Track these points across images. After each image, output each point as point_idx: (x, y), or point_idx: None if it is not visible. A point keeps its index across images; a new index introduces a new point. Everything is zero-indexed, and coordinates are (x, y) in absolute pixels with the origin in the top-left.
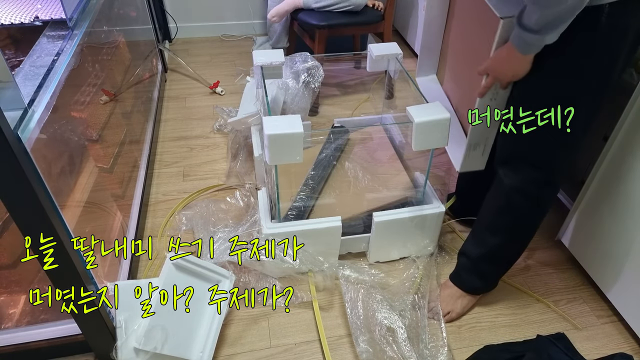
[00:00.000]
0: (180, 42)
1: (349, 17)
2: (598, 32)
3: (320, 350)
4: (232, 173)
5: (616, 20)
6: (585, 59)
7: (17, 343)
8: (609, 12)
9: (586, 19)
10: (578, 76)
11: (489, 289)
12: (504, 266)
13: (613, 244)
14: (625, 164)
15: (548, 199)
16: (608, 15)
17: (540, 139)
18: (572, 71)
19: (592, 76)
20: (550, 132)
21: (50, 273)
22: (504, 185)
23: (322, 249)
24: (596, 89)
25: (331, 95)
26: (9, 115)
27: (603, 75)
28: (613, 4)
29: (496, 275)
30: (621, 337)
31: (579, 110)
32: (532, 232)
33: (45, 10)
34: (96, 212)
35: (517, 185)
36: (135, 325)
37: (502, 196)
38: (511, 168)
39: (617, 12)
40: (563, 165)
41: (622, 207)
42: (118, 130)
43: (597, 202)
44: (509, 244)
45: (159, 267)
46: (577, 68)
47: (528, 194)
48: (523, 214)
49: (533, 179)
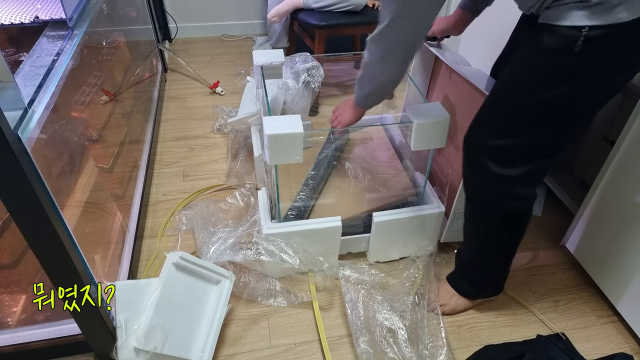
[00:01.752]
0: (180, 42)
1: (349, 17)
2: (575, 58)
3: (320, 350)
4: (232, 173)
5: (593, 47)
6: (562, 85)
7: (17, 343)
8: (587, 38)
9: (562, 42)
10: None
11: (483, 295)
12: (490, 273)
13: (617, 247)
14: (632, 169)
15: (510, 208)
16: (585, 41)
17: (493, 151)
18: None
19: (557, 104)
20: (504, 148)
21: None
22: (465, 192)
23: (322, 249)
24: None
25: (331, 95)
26: (9, 115)
27: (578, 103)
28: (593, 28)
29: (483, 282)
30: (621, 337)
31: (545, 135)
32: (508, 240)
33: (45, 10)
34: (96, 212)
35: (474, 193)
36: (135, 325)
37: (466, 203)
38: (468, 175)
39: (595, 38)
40: (522, 178)
41: (628, 212)
42: (118, 130)
43: (603, 207)
44: (484, 252)
45: (158, 267)
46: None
47: (486, 203)
48: (486, 222)
49: (488, 187)
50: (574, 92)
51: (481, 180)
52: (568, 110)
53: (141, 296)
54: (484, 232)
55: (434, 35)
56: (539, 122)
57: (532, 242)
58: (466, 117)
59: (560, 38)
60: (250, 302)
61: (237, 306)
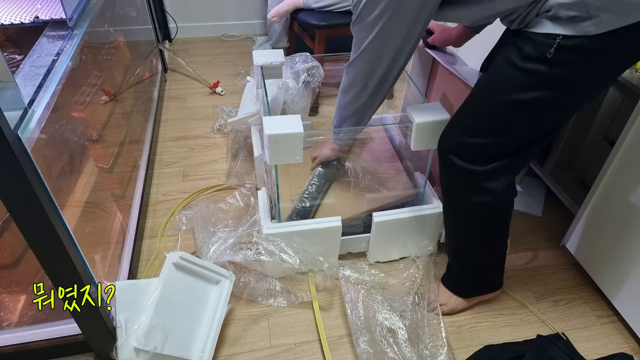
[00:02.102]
0: (180, 42)
1: (349, 17)
2: (547, 64)
3: (320, 350)
4: (232, 173)
5: (565, 55)
6: (534, 89)
7: (17, 343)
8: (559, 46)
9: (537, 49)
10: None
11: (471, 293)
12: (474, 271)
13: (617, 247)
14: (632, 169)
15: (483, 204)
16: (558, 49)
17: (462, 148)
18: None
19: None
20: (473, 146)
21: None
22: (441, 189)
23: (322, 249)
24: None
25: (331, 95)
26: (9, 115)
27: (549, 107)
28: (567, 38)
29: (469, 280)
30: (621, 337)
31: (515, 136)
32: (484, 236)
33: (45, 10)
34: (96, 212)
35: (446, 188)
36: (135, 325)
37: (442, 199)
38: (441, 171)
39: (568, 47)
40: (490, 174)
41: (628, 212)
42: (118, 130)
43: (603, 207)
44: (461, 248)
45: (158, 267)
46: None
47: (458, 198)
48: (460, 217)
49: (458, 182)
50: (544, 98)
51: (451, 175)
52: (536, 114)
53: (141, 296)
54: (460, 227)
55: (434, 44)
56: (507, 124)
57: (532, 242)
58: None
59: (535, 44)
60: (250, 302)
61: (237, 306)
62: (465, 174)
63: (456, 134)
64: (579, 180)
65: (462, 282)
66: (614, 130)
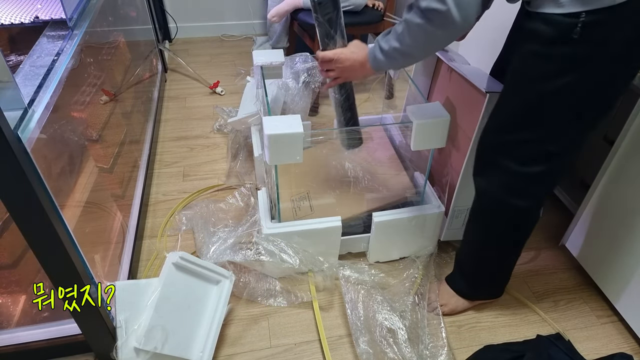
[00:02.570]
0: (180, 42)
1: (349, 17)
2: (575, 46)
3: (320, 350)
4: (232, 173)
5: (593, 32)
6: (564, 75)
7: (17, 343)
8: (584, 23)
9: (560, 30)
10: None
11: (481, 296)
12: (488, 274)
13: (617, 247)
14: (632, 169)
15: (522, 209)
16: (583, 27)
17: (508, 148)
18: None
19: (570, 94)
20: (518, 143)
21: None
22: (476, 191)
23: (322, 249)
24: (578, 107)
25: None
26: (9, 115)
27: (584, 93)
28: (590, 13)
29: (481, 283)
30: (621, 337)
31: (557, 129)
32: (510, 242)
33: (45, 10)
34: (96, 212)
35: (487, 191)
36: (135, 325)
37: (475, 202)
38: (482, 174)
39: (593, 23)
40: (537, 177)
41: (628, 211)
42: (118, 130)
43: (602, 206)
44: (484, 251)
45: (158, 267)
46: (555, 86)
47: (498, 202)
48: (494, 221)
49: (502, 186)
50: (580, 80)
51: (496, 178)
52: (577, 99)
53: (141, 296)
54: (490, 231)
55: None
56: (545, 114)
57: (532, 242)
58: (466, 116)
59: (556, 26)
60: (250, 302)
61: (237, 306)
62: (514, 176)
63: (500, 135)
64: (579, 179)
65: (471, 284)
66: (614, 130)
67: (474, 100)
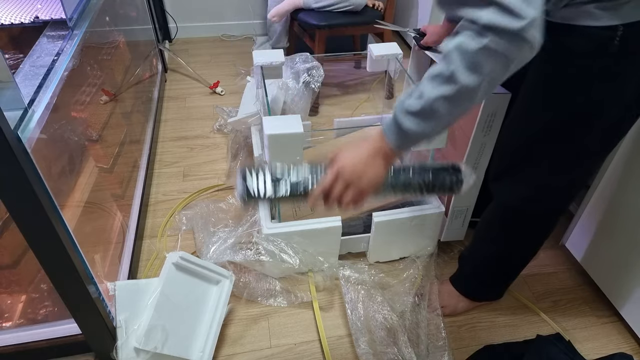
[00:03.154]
0: (180, 42)
1: (349, 17)
2: (612, 58)
3: (320, 350)
4: (232, 173)
5: (630, 45)
6: (602, 87)
7: (17, 343)
8: (622, 37)
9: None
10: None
11: (487, 298)
12: (502, 278)
13: (617, 247)
14: (632, 169)
15: (544, 218)
16: (621, 39)
17: (537, 157)
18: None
19: (598, 106)
20: (548, 153)
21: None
22: (496, 200)
23: (322, 249)
24: (605, 117)
25: (331, 95)
26: (9, 115)
27: (621, 103)
28: (627, 26)
29: (494, 286)
30: (621, 337)
31: (592, 140)
32: (528, 249)
33: (45, 10)
34: (96, 212)
35: (507, 201)
36: (135, 325)
37: (494, 210)
38: (502, 184)
39: (631, 36)
40: (563, 188)
41: (628, 211)
42: (118, 130)
43: (603, 206)
44: (502, 258)
45: (159, 267)
46: (587, 98)
47: (517, 211)
48: (515, 230)
49: (523, 197)
50: (617, 91)
51: (522, 188)
52: (614, 109)
53: (141, 296)
54: (507, 239)
55: (427, 45)
56: (581, 126)
57: None
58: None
59: (591, 39)
60: (250, 302)
61: (237, 306)
62: (538, 186)
63: (528, 141)
64: None
65: (486, 287)
66: None
67: None
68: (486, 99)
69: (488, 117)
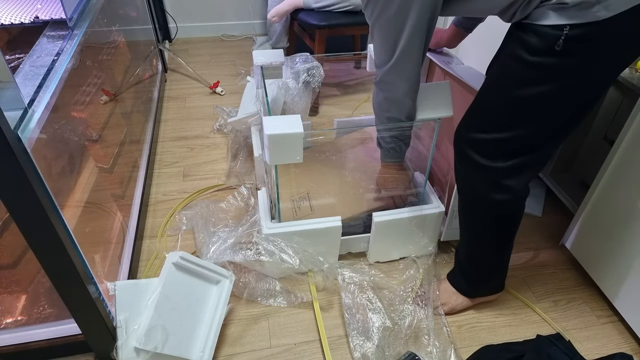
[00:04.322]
0: (180, 42)
1: (349, 17)
2: (556, 57)
3: (321, 350)
4: (232, 173)
5: (575, 45)
6: (543, 84)
7: (17, 343)
8: (567, 37)
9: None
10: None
11: (481, 293)
12: (485, 268)
13: (616, 247)
14: (632, 169)
15: (500, 201)
16: (566, 41)
17: (480, 144)
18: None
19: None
20: (490, 141)
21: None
22: (457, 185)
23: (322, 249)
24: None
25: (331, 95)
26: (9, 115)
27: (560, 101)
28: (574, 27)
29: (480, 278)
30: (621, 337)
31: (532, 131)
32: (499, 234)
33: (45, 10)
34: (96, 212)
35: (464, 185)
36: (135, 325)
37: (458, 196)
38: (458, 168)
39: (577, 37)
40: (510, 170)
41: (628, 211)
42: (118, 130)
43: (602, 206)
44: (477, 245)
45: (159, 267)
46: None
47: (475, 195)
48: (477, 215)
49: (477, 180)
50: (556, 90)
51: (470, 173)
52: (550, 107)
53: (141, 296)
54: (474, 225)
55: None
56: (521, 119)
57: (532, 242)
58: (461, 114)
59: (542, 37)
60: (250, 302)
61: (237, 306)
62: (485, 171)
63: (471, 131)
64: (579, 179)
65: (471, 281)
66: (614, 130)
67: (469, 99)
68: None
69: None
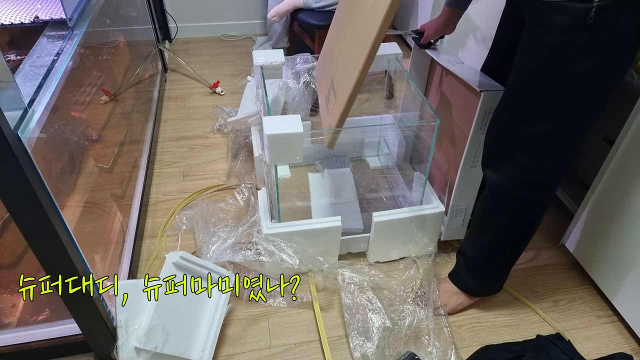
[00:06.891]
0: (180, 42)
1: None
2: (590, 31)
3: (321, 350)
4: (232, 173)
5: (607, 16)
6: (582, 61)
7: (17, 343)
8: (598, 8)
9: (574, 17)
10: (575, 80)
11: (487, 292)
12: (498, 269)
13: (616, 247)
14: (631, 169)
15: (536, 201)
16: (597, 11)
17: (525, 141)
18: (565, 75)
19: (588, 80)
20: (536, 136)
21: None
22: (489, 185)
23: (322, 249)
24: (593, 94)
25: None
26: (9, 115)
27: (603, 76)
28: None
29: (491, 278)
30: (621, 337)
31: (578, 117)
32: (522, 234)
33: (45, 10)
34: (96, 212)
35: (501, 185)
36: (135, 325)
37: (487, 196)
38: (495, 167)
39: (607, 7)
40: (552, 168)
41: (628, 211)
42: (118, 130)
43: (602, 206)
44: (498, 246)
45: (159, 267)
46: (572, 72)
47: (512, 195)
48: (508, 215)
49: (517, 180)
50: (596, 66)
51: (513, 172)
52: (593, 84)
53: (141, 296)
54: (502, 225)
55: (427, 40)
56: (567, 103)
57: (532, 242)
58: (462, 115)
59: (570, 14)
60: (250, 302)
61: (237, 306)
62: (528, 170)
63: (513, 127)
64: (579, 179)
65: (481, 280)
66: (614, 130)
67: (469, 99)
68: (484, 97)
69: (485, 115)
